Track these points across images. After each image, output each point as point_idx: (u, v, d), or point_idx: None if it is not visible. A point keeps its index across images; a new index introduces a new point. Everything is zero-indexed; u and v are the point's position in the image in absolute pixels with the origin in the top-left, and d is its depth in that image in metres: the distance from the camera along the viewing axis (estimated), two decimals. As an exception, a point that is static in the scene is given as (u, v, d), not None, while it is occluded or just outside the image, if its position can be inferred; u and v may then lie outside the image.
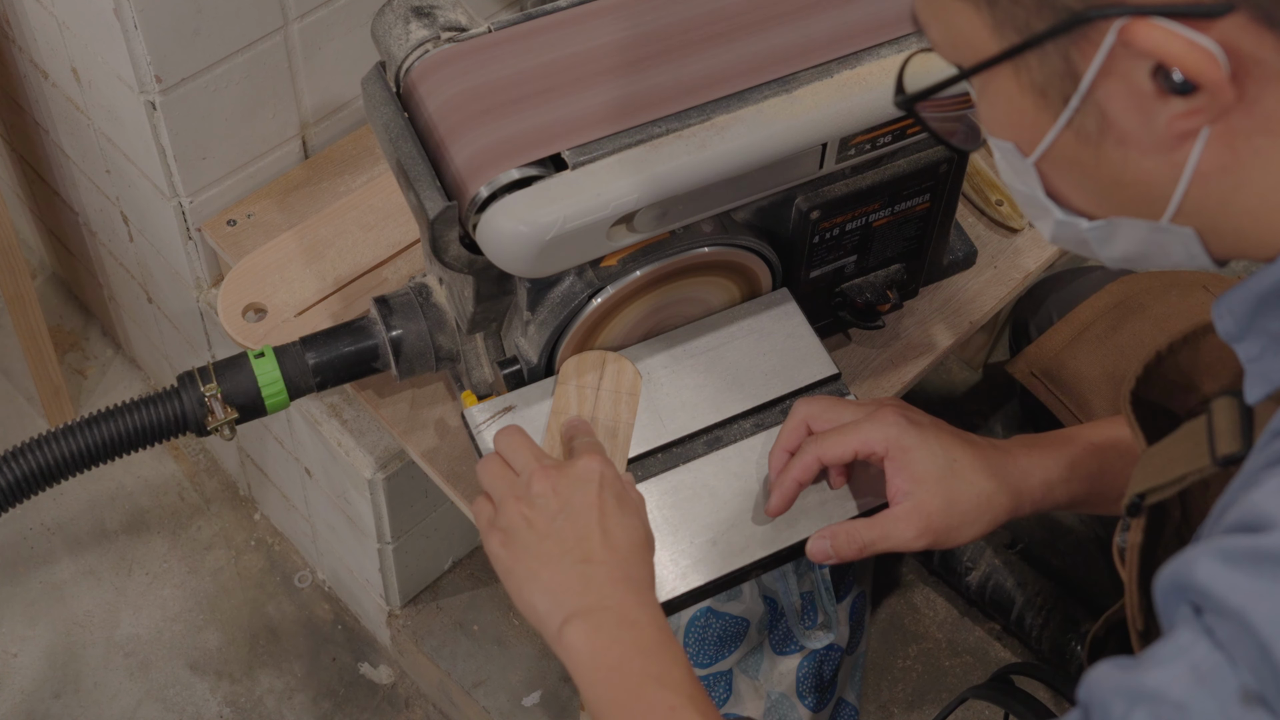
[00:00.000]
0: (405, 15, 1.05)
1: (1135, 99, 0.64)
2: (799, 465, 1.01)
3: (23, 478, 1.08)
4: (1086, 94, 0.65)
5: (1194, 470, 0.78)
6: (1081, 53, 0.64)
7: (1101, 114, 0.65)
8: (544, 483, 0.94)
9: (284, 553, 1.75)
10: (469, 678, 1.58)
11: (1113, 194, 0.69)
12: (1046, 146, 0.69)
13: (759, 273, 1.12)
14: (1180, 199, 0.66)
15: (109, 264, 1.67)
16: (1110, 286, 1.34)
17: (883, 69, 1.04)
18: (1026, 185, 0.72)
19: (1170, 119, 0.63)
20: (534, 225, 0.95)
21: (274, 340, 1.21)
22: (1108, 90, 0.64)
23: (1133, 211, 0.69)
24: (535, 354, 1.07)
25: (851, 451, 1.00)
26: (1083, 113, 0.66)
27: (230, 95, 1.29)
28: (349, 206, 1.34)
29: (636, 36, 1.05)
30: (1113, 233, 0.71)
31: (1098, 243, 0.73)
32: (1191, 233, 0.69)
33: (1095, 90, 0.64)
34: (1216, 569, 0.62)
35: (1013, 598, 1.56)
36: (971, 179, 1.36)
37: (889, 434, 0.99)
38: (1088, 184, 0.70)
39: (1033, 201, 0.73)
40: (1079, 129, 0.67)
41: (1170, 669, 0.63)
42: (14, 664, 1.65)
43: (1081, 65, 0.64)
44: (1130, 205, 0.69)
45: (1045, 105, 0.67)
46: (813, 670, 1.46)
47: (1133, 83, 0.63)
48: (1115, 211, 0.70)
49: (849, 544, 0.98)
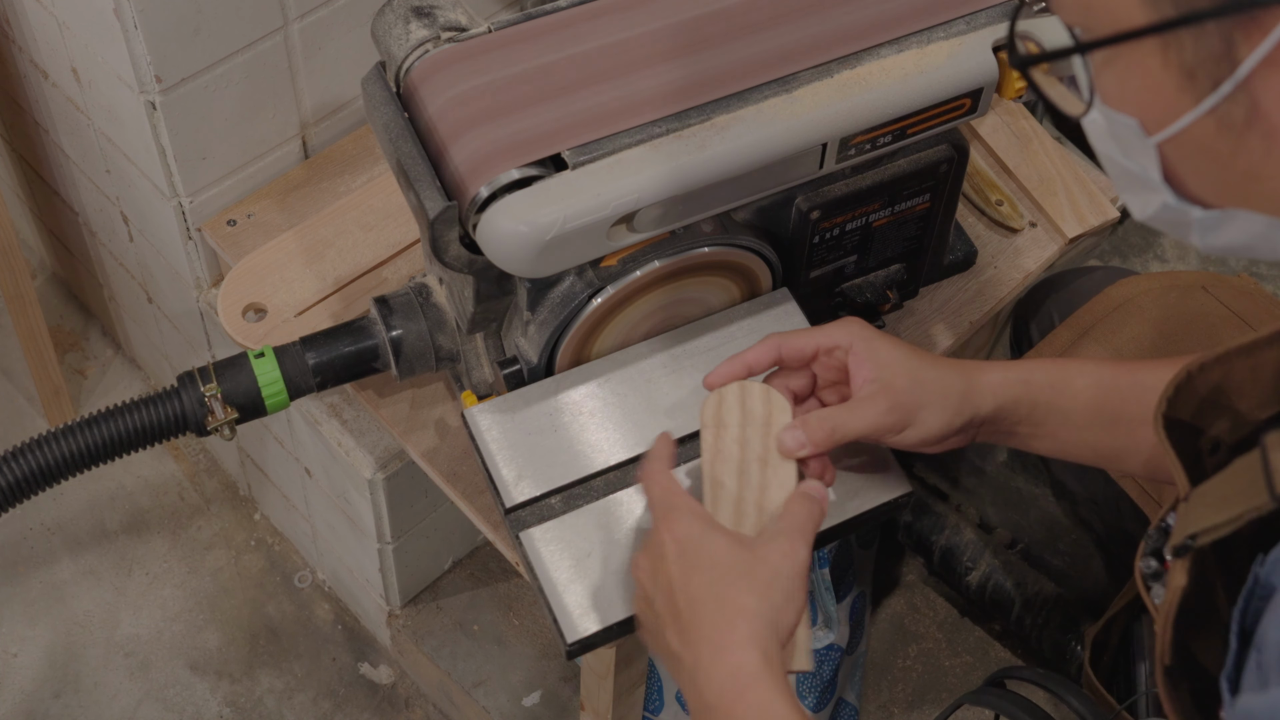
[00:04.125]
0: (405, 15, 1.05)
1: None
2: (757, 348, 0.99)
3: (23, 478, 1.08)
4: (1243, 82, 0.61)
5: (1251, 509, 0.76)
6: (1247, 37, 0.60)
7: (1253, 104, 0.62)
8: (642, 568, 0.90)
9: (284, 553, 1.75)
10: (469, 678, 1.58)
11: (1243, 185, 0.66)
12: (1179, 129, 0.65)
13: (759, 273, 1.12)
14: None
15: (109, 264, 1.67)
16: (1110, 289, 1.34)
17: (883, 69, 1.04)
18: (1138, 164, 0.68)
19: None
20: (534, 225, 0.95)
21: (274, 340, 1.21)
22: (1267, 80, 0.61)
23: (1258, 205, 0.66)
24: (535, 354, 1.07)
25: (814, 345, 0.98)
26: (1232, 100, 0.62)
27: (230, 95, 1.29)
28: (349, 206, 1.34)
29: (636, 37, 1.05)
30: (1226, 223, 0.68)
31: (1203, 230, 0.69)
32: None
33: (1253, 79, 0.61)
34: None
35: (1013, 598, 1.56)
36: (971, 179, 1.36)
37: (852, 330, 0.98)
38: (1216, 172, 0.66)
39: (1138, 180, 0.69)
40: (1223, 117, 0.63)
41: None
42: (14, 664, 1.65)
43: (1243, 50, 0.60)
44: (1257, 199, 0.66)
45: (1189, 87, 0.63)
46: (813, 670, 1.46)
47: None
48: (1238, 203, 0.67)
49: (820, 427, 0.95)
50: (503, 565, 1.65)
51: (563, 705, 1.58)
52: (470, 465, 1.18)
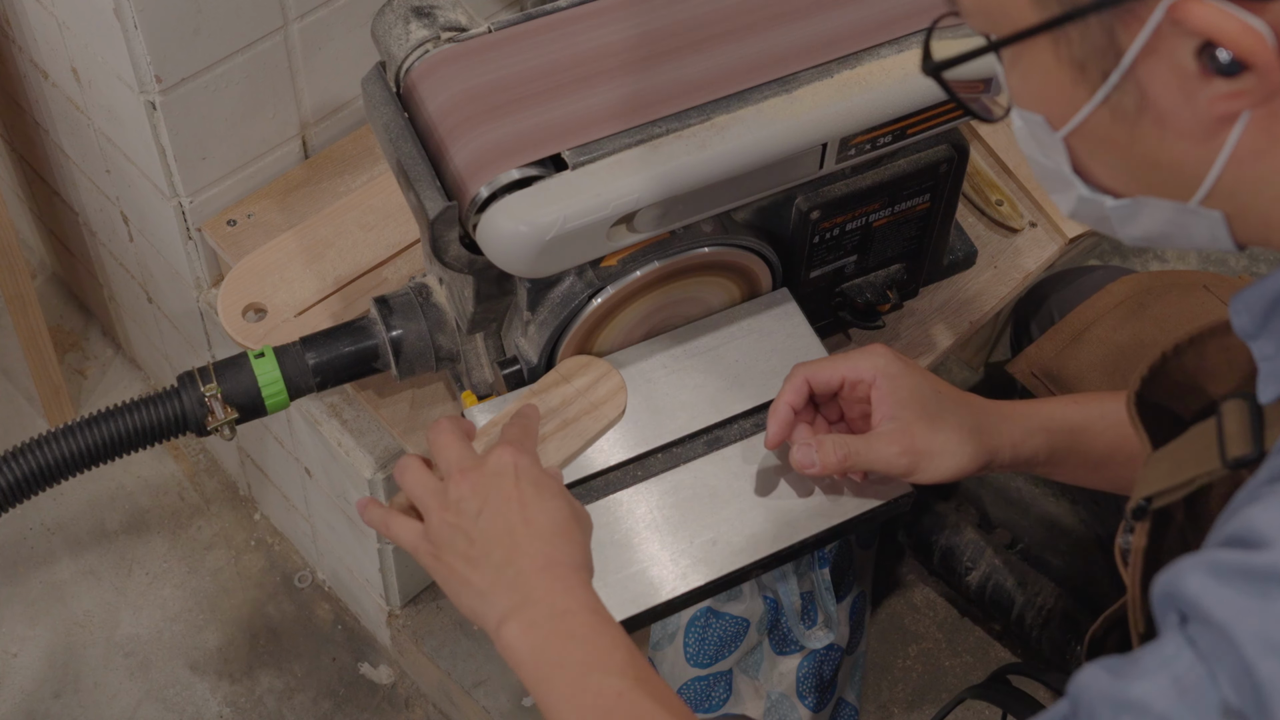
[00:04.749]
0: (405, 15, 1.05)
1: (1178, 78, 0.63)
2: (788, 388, 1.01)
3: (23, 478, 1.08)
4: (1128, 71, 0.64)
5: (1203, 473, 0.78)
6: (1126, 28, 0.63)
7: (1141, 92, 0.64)
8: (462, 485, 0.92)
9: (284, 553, 1.75)
10: (469, 678, 1.58)
11: (1144, 173, 0.68)
12: (1079, 122, 0.67)
13: (759, 273, 1.12)
14: (1213, 182, 0.66)
15: (109, 264, 1.67)
16: (1111, 286, 1.34)
17: (883, 69, 1.04)
18: (1051, 160, 0.71)
19: (1212, 100, 0.63)
20: (534, 225, 0.95)
21: (274, 340, 1.21)
22: (1150, 68, 0.63)
23: (1162, 192, 0.68)
24: (535, 354, 1.07)
25: (839, 377, 1.01)
26: (1121, 90, 0.65)
27: (230, 95, 1.29)
28: (349, 206, 1.34)
29: (637, 36, 1.05)
30: (1137, 212, 0.71)
31: (1119, 221, 0.72)
32: (1219, 216, 0.68)
33: (1137, 68, 0.63)
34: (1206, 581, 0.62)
35: (1013, 598, 1.56)
36: (971, 179, 1.36)
37: (876, 363, 1.00)
38: (1118, 162, 0.69)
39: (1056, 176, 0.72)
40: (1116, 106, 0.66)
41: (1154, 680, 0.63)
42: (14, 664, 1.65)
43: (1125, 41, 0.63)
44: (1161, 186, 0.68)
45: (1082, 80, 0.66)
46: (813, 670, 1.46)
47: (1176, 62, 0.62)
48: (1144, 191, 0.69)
49: (834, 451, 0.98)
50: (503, 565, 1.65)
51: (563, 705, 1.58)
52: (470, 465, 1.18)
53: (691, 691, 1.44)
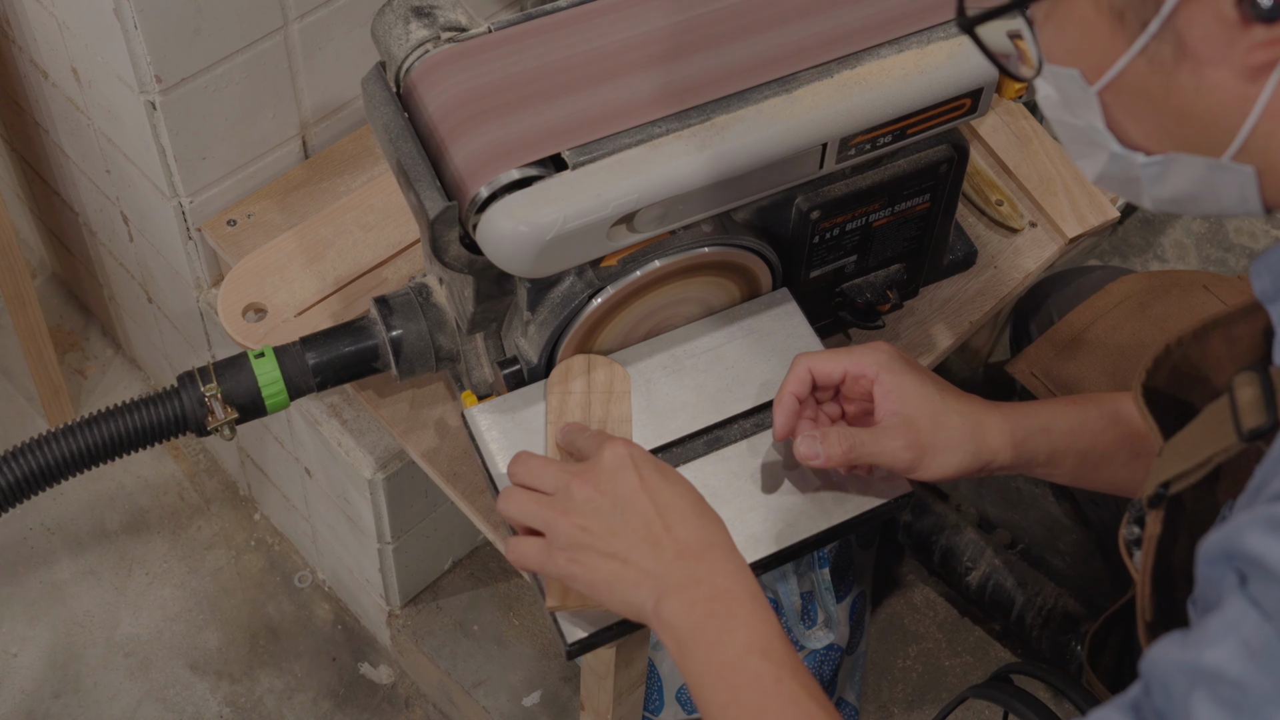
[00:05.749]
0: (405, 15, 1.05)
1: (1218, 25, 0.63)
2: (792, 377, 1.01)
3: (23, 478, 1.08)
4: (1167, 19, 0.64)
5: (1220, 450, 0.78)
6: None
7: (1179, 40, 0.64)
8: (584, 487, 0.92)
9: (284, 553, 1.75)
10: (469, 678, 1.58)
11: (1178, 127, 0.68)
12: (1116, 73, 0.67)
13: (759, 273, 1.12)
14: (1247, 135, 0.66)
15: (109, 264, 1.67)
16: (1110, 287, 1.34)
17: (883, 69, 1.04)
18: (1083, 117, 0.71)
19: (1250, 47, 0.62)
20: (534, 225, 0.95)
21: (274, 340, 1.21)
22: (1190, 15, 0.63)
23: (1195, 147, 0.68)
24: (535, 354, 1.07)
25: (842, 370, 1.01)
26: (1160, 38, 0.64)
27: (230, 95, 1.29)
28: (349, 206, 1.34)
29: (637, 37, 1.05)
30: (1168, 170, 0.70)
31: (1149, 180, 0.71)
32: (1251, 171, 0.68)
33: (1177, 15, 0.63)
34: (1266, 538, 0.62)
35: (1013, 598, 1.56)
36: (971, 179, 1.36)
37: (879, 359, 1.00)
38: (1152, 116, 0.69)
39: (1086, 135, 0.72)
40: (1153, 56, 0.65)
41: (1224, 646, 0.63)
42: (14, 664, 1.65)
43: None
44: (1194, 140, 0.68)
45: (1121, 29, 0.65)
46: (813, 670, 1.46)
47: (1217, 8, 0.62)
48: (1176, 146, 0.69)
49: (838, 443, 0.98)
50: (503, 565, 1.65)
51: (563, 705, 1.58)
52: (470, 465, 1.18)
53: (691, 691, 1.44)
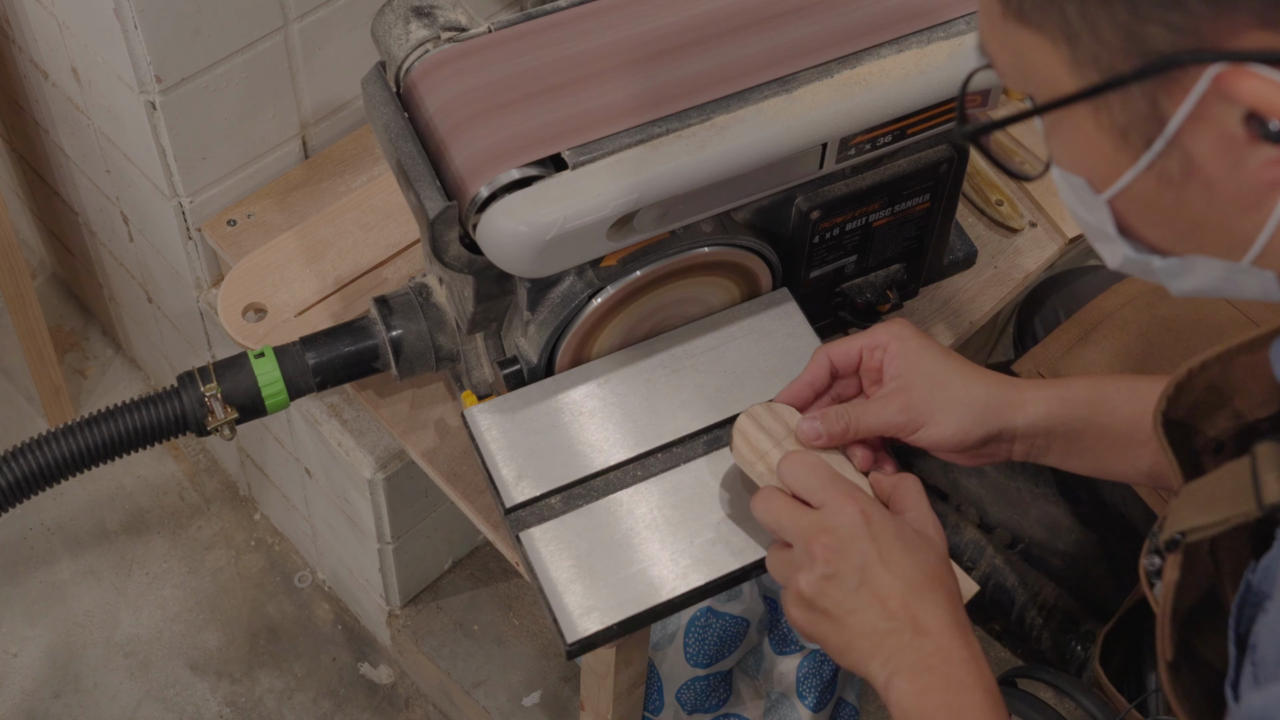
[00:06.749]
0: (405, 15, 1.05)
1: (1225, 145, 0.61)
2: (812, 365, 1.01)
3: (23, 478, 1.08)
4: (1173, 138, 0.62)
5: (1238, 514, 0.77)
6: (1170, 96, 0.61)
7: (1187, 158, 0.63)
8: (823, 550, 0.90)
9: (284, 553, 1.75)
10: (469, 678, 1.58)
11: (1193, 235, 0.67)
12: (1124, 186, 0.66)
13: (759, 273, 1.12)
14: (1264, 244, 0.64)
15: (109, 264, 1.67)
16: (1118, 286, 1.34)
17: (883, 69, 1.04)
18: (1096, 220, 0.70)
19: (1261, 165, 0.61)
20: (534, 225, 0.95)
21: (274, 340, 1.21)
22: (1195, 135, 0.62)
23: (1211, 252, 0.67)
24: (535, 354, 1.07)
25: (857, 349, 1.01)
26: (1166, 156, 0.63)
27: (230, 95, 1.29)
28: (349, 206, 1.35)
29: (637, 36, 1.05)
30: (1188, 269, 0.69)
31: (1168, 276, 0.70)
32: (1272, 276, 0.67)
33: (1182, 135, 0.62)
34: None
35: (1013, 598, 1.56)
36: (971, 179, 1.36)
37: (893, 329, 1.00)
38: (1165, 224, 0.68)
39: (1101, 234, 0.71)
40: (1161, 172, 0.64)
41: None
42: (14, 664, 1.65)
43: (1169, 109, 0.61)
44: (1210, 247, 0.67)
45: (1125, 146, 0.64)
46: (813, 670, 1.46)
47: (1223, 128, 0.61)
48: (1193, 250, 0.68)
49: (836, 420, 0.98)
50: (503, 565, 1.65)
51: (563, 705, 1.58)
52: (470, 465, 1.18)
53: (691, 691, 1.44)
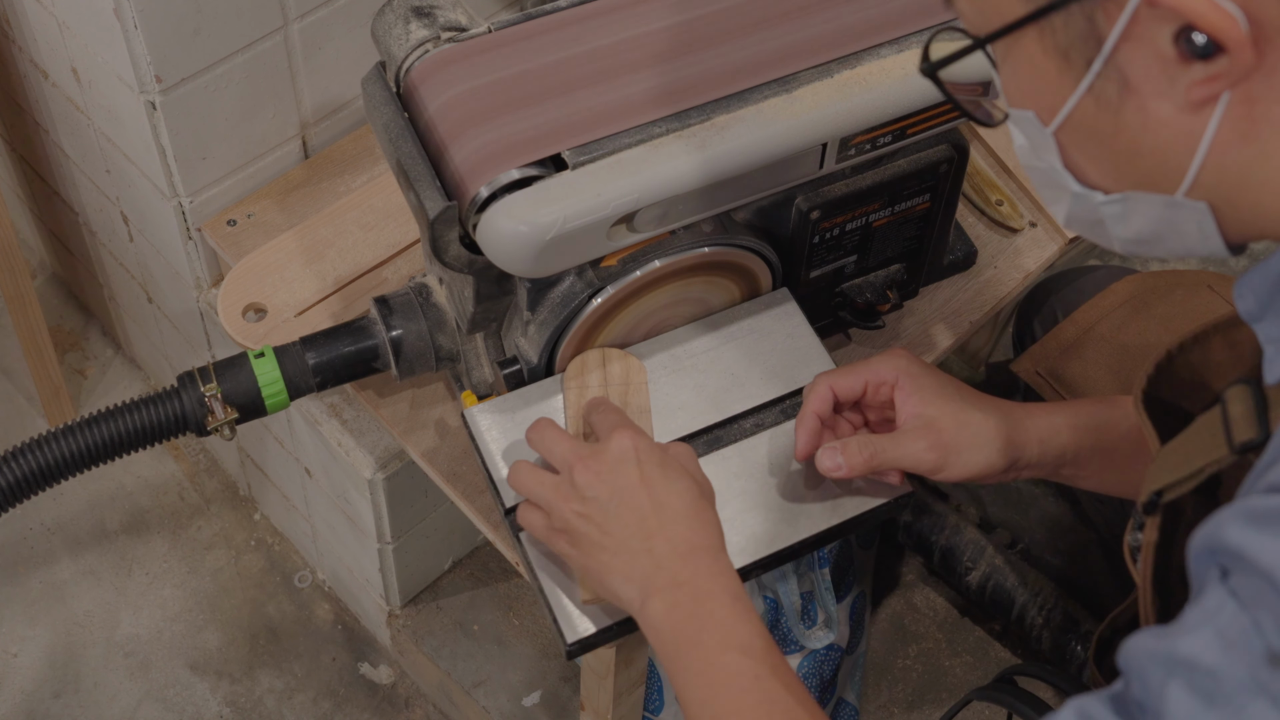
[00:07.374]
0: (405, 15, 1.05)
1: (1157, 62, 0.64)
2: (814, 397, 1.02)
3: (23, 478, 1.08)
4: (1109, 57, 0.65)
5: (1212, 461, 0.78)
6: (1106, 14, 0.64)
7: (1123, 78, 0.66)
8: (586, 474, 0.94)
9: (284, 553, 1.75)
10: (469, 678, 1.58)
11: (1130, 164, 0.69)
12: (1067, 113, 0.69)
13: (759, 273, 1.12)
14: (1197, 170, 0.67)
15: (109, 264, 1.67)
16: (1115, 285, 1.34)
17: (883, 69, 1.04)
18: (1044, 159, 0.73)
19: (1191, 84, 0.64)
20: (534, 225, 0.95)
21: (274, 340, 1.21)
22: (1130, 53, 0.65)
23: (1149, 185, 0.69)
24: (535, 354, 1.07)
25: (862, 382, 1.02)
26: (1104, 77, 0.66)
27: (230, 95, 1.29)
28: (349, 206, 1.35)
29: (636, 37, 1.05)
30: (1128, 209, 0.72)
31: (1112, 221, 0.73)
32: (1205, 208, 0.69)
33: (1118, 53, 0.65)
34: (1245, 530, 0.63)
35: (1013, 598, 1.56)
36: (971, 179, 1.36)
37: (898, 364, 1.01)
38: (1105, 154, 0.70)
39: (1050, 178, 0.73)
40: (1099, 94, 0.67)
41: (1200, 635, 0.64)
42: (14, 664, 1.65)
43: (1105, 27, 0.64)
44: (1147, 177, 0.69)
45: (1068, 69, 0.67)
46: (813, 670, 1.46)
47: (1155, 45, 0.64)
48: (1131, 184, 0.70)
49: (859, 452, 0.99)
50: (503, 565, 1.65)
51: (563, 705, 1.58)
52: (470, 465, 1.18)
53: (691, 691, 1.44)
